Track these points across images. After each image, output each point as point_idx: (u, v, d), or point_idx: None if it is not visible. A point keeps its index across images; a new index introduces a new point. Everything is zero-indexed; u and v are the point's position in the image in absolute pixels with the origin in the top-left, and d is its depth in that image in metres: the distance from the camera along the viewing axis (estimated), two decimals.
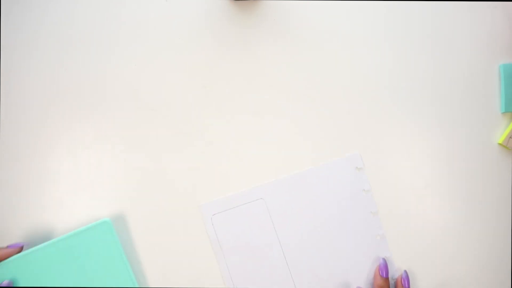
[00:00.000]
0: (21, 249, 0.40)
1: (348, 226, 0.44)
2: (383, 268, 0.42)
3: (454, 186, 0.44)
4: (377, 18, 0.45)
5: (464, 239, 0.44)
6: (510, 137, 0.44)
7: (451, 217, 0.44)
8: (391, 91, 0.44)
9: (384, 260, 0.43)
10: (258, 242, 0.43)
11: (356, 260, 0.43)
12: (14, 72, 0.44)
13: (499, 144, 0.45)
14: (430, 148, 0.44)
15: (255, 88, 0.44)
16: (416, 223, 0.44)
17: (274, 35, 0.44)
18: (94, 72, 0.44)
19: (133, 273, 0.42)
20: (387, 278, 0.42)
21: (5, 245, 0.41)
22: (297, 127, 0.44)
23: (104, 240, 0.41)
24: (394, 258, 0.44)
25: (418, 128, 0.44)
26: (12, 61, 0.44)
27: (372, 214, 0.44)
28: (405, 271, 0.43)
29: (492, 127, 0.45)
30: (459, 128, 0.45)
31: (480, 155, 0.45)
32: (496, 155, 0.45)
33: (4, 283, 0.39)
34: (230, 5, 0.44)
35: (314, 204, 0.44)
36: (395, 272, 0.44)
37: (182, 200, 0.43)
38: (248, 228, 0.43)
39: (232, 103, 0.44)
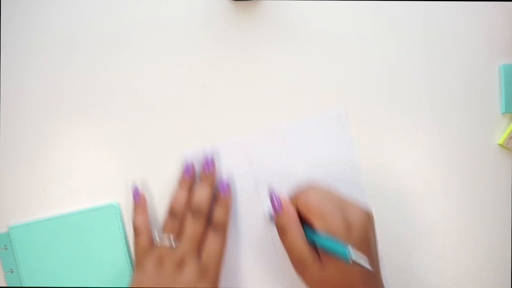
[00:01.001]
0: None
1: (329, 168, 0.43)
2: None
3: (454, 186, 0.44)
4: (377, 18, 0.45)
5: (464, 239, 0.44)
6: (510, 138, 0.44)
7: (450, 217, 0.44)
8: (391, 91, 0.44)
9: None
10: (237, 190, 0.43)
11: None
12: (14, 72, 0.44)
13: (499, 144, 0.45)
14: (430, 148, 0.44)
15: (255, 88, 0.44)
16: (415, 223, 0.44)
17: (274, 35, 0.44)
18: (94, 72, 0.44)
19: (130, 260, 0.42)
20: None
21: None
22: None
23: (109, 222, 0.42)
24: (393, 257, 0.44)
25: (418, 128, 0.44)
26: (12, 61, 0.44)
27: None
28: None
29: (492, 128, 0.45)
30: (459, 129, 0.45)
31: (480, 156, 0.45)
32: (496, 155, 0.45)
33: None
34: (230, 5, 0.44)
35: (296, 155, 0.43)
36: None
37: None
38: (228, 177, 0.43)
39: (232, 103, 0.44)
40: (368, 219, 0.36)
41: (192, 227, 0.39)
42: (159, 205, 0.43)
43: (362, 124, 0.44)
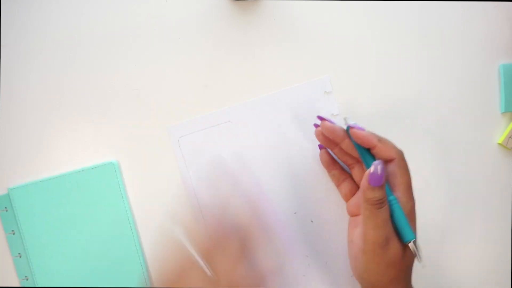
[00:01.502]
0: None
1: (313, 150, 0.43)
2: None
3: (453, 186, 0.44)
4: (377, 18, 0.45)
5: (464, 239, 0.44)
6: (510, 137, 0.44)
7: (450, 217, 0.44)
8: (391, 91, 0.44)
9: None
10: (225, 163, 0.43)
11: (319, 181, 0.43)
12: (14, 72, 0.44)
13: (499, 144, 0.45)
14: (430, 148, 0.44)
15: (255, 87, 0.44)
16: None
17: (274, 35, 0.44)
18: (94, 72, 0.44)
19: (132, 217, 0.43)
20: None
21: None
22: None
23: (108, 179, 0.42)
24: None
25: (418, 128, 0.44)
26: (12, 61, 0.44)
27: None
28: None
29: (492, 127, 0.45)
30: (459, 128, 0.45)
31: (480, 155, 0.45)
32: (496, 155, 0.45)
33: None
34: (230, 5, 0.44)
35: (282, 126, 0.43)
36: None
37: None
38: (215, 150, 0.43)
39: (233, 103, 0.44)
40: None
41: None
42: (159, 205, 0.44)
43: (362, 124, 0.44)
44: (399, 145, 0.44)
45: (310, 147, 0.43)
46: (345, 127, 0.39)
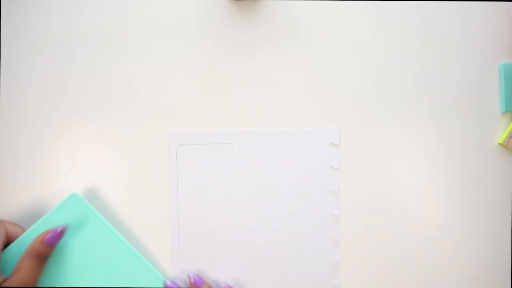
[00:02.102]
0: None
1: (307, 202, 0.44)
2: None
3: (453, 186, 0.44)
4: (377, 18, 0.45)
5: (464, 239, 0.44)
6: (510, 137, 0.44)
7: (450, 217, 0.44)
8: (391, 91, 0.44)
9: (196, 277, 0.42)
10: (215, 184, 0.43)
11: (307, 222, 0.44)
12: (14, 72, 0.44)
13: (499, 144, 0.45)
14: (430, 148, 0.44)
15: (255, 87, 0.44)
16: (415, 223, 0.44)
17: (274, 35, 0.44)
18: (94, 72, 0.44)
19: (120, 234, 0.42)
20: None
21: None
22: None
23: (79, 212, 0.41)
24: (392, 257, 0.44)
25: (418, 128, 0.44)
26: (12, 61, 0.44)
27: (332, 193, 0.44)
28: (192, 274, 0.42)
29: (492, 127, 0.45)
30: (459, 128, 0.45)
31: (480, 155, 0.45)
32: (496, 155, 0.45)
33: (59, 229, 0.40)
34: (230, 5, 0.44)
35: (280, 164, 0.44)
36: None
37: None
38: (209, 167, 0.43)
39: (233, 103, 0.44)
40: None
41: None
42: (159, 205, 0.44)
43: (362, 124, 0.44)
44: (399, 145, 0.44)
45: (304, 191, 0.44)
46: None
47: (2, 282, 0.37)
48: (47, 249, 0.39)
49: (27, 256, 0.38)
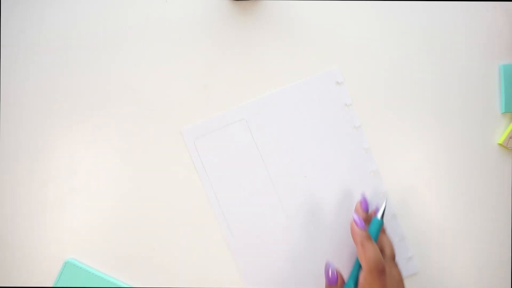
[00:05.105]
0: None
1: (333, 141, 0.44)
2: (363, 202, 0.42)
3: (454, 186, 0.44)
4: (377, 18, 0.45)
5: (464, 239, 0.44)
6: (510, 137, 0.44)
7: (450, 217, 0.44)
8: (391, 91, 0.44)
9: (364, 197, 0.42)
10: (242, 163, 0.43)
11: (342, 172, 0.44)
12: (14, 72, 0.44)
13: (499, 144, 0.45)
14: (430, 148, 0.44)
15: (255, 87, 0.44)
16: (415, 222, 0.44)
17: (274, 35, 0.44)
18: (94, 72, 0.44)
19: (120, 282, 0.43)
20: (366, 212, 0.42)
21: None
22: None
23: (77, 277, 0.42)
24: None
25: (418, 128, 0.44)
26: (12, 61, 0.44)
27: (355, 128, 0.44)
28: (363, 195, 0.42)
29: (492, 127, 0.45)
30: (459, 128, 0.45)
31: (480, 155, 0.45)
32: (496, 155, 0.45)
33: None
34: (230, 5, 0.44)
35: (296, 121, 0.44)
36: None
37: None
38: (231, 149, 0.43)
39: (233, 103, 0.44)
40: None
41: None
42: (163, 202, 0.44)
43: (361, 124, 0.44)
44: (399, 145, 0.44)
45: (326, 143, 0.44)
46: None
47: None
48: None
49: None
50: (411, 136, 0.44)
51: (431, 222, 0.44)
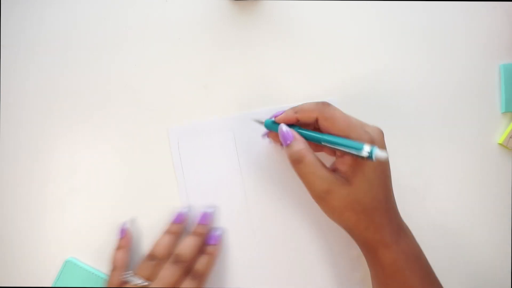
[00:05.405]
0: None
1: None
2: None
3: (454, 186, 0.44)
4: (377, 18, 0.45)
5: (464, 239, 0.44)
6: (510, 137, 0.44)
7: (451, 216, 0.44)
8: (391, 91, 0.44)
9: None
10: (220, 171, 0.43)
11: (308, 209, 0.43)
12: (14, 72, 0.44)
13: (499, 144, 0.45)
14: (430, 148, 0.44)
15: (255, 87, 0.44)
16: (415, 222, 0.44)
17: (274, 35, 0.44)
18: (94, 72, 0.44)
19: None
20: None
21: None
22: None
23: (77, 276, 0.42)
24: None
25: (418, 128, 0.44)
26: (12, 61, 0.44)
27: None
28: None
29: (492, 127, 0.45)
30: (459, 128, 0.45)
31: (480, 155, 0.45)
32: (496, 155, 0.45)
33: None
34: (230, 5, 0.44)
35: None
36: None
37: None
38: (213, 157, 0.43)
39: (233, 103, 0.44)
40: (383, 138, 0.37)
41: (168, 273, 0.38)
42: (161, 205, 0.44)
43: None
44: (399, 145, 0.44)
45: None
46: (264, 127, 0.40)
47: None
48: None
49: None
50: (411, 136, 0.44)
51: (431, 222, 0.44)
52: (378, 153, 0.33)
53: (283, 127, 0.37)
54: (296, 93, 0.44)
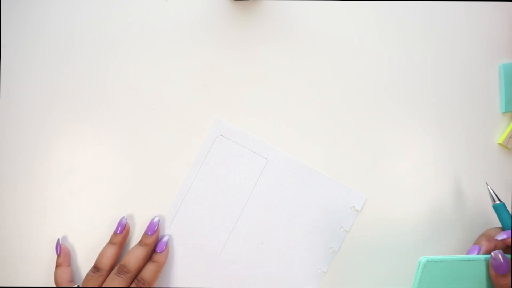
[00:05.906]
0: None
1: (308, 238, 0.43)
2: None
3: (454, 186, 0.44)
4: (377, 18, 0.45)
5: (464, 239, 0.44)
6: (510, 137, 0.44)
7: (451, 217, 0.44)
8: (391, 92, 0.44)
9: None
10: (231, 187, 0.43)
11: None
12: (14, 72, 0.44)
13: (499, 144, 0.45)
14: (430, 147, 0.44)
15: (255, 87, 0.44)
16: (415, 222, 0.44)
17: (274, 35, 0.44)
18: (94, 72, 0.44)
19: None
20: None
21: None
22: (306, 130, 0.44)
23: (438, 269, 0.38)
24: (392, 257, 0.44)
25: (418, 128, 0.44)
26: (12, 61, 0.44)
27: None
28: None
29: (492, 127, 0.45)
30: (459, 128, 0.45)
31: (480, 155, 0.45)
32: (496, 155, 0.45)
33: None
34: (230, 5, 0.44)
35: (296, 201, 0.43)
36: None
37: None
38: (233, 170, 0.43)
39: (233, 103, 0.44)
40: None
41: (112, 284, 0.38)
42: (159, 204, 0.44)
43: (362, 124, 0.44)
44: (399, 145, 0.44)
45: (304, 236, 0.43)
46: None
47: None
48: None
49: None
50: (411, 136, 0.44)
51: (430, 222, 0.44)
52: None
53: (499, 255, 0.37)
54: (296, 93, 0.44)
